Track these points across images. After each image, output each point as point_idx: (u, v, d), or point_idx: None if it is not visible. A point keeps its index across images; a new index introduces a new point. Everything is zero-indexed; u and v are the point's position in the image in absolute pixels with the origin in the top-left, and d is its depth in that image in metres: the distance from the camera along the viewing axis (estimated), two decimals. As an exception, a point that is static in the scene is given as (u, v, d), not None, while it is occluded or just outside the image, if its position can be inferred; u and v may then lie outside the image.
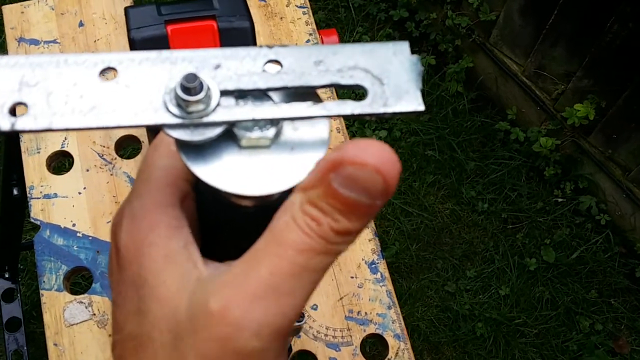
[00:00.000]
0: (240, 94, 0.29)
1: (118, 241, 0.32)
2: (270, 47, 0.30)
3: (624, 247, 2.12)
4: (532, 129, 2.17)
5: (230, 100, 0.29)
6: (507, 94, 2.24)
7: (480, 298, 2.05)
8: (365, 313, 0.91)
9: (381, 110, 0.29)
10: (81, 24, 1.01)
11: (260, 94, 0.30)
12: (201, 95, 0.28)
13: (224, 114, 0.28)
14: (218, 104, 0.28)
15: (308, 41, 1.07)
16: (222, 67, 0.29)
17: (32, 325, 1.71)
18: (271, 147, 0.30)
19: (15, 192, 1.16)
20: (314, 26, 1.09)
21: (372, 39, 2.42)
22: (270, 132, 0.29)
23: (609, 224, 2.11)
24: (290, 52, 0.30)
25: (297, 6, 1.09)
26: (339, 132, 1.01)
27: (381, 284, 0.93)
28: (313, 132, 0.30)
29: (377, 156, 0.27)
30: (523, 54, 2.10)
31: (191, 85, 0.27)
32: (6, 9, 1.00)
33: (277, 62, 0.30)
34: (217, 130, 0.28)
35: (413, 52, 0.32)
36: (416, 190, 2.19)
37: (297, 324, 0.50)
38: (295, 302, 0.28)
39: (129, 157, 0.95)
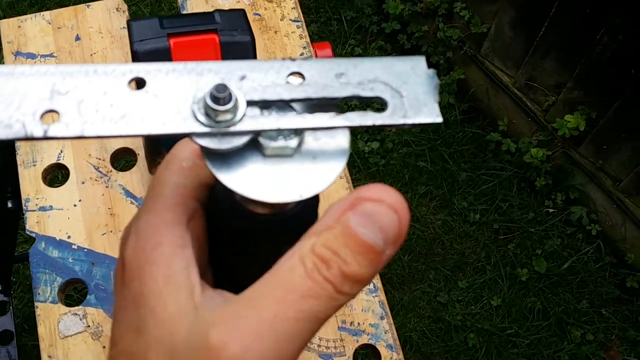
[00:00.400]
0: (265, 105, 0.30)
1: (124, 256, 0.32)
2: (293, 59, 0.31)
3: (615, 257, 2.13)
4: (523, 139, 2.19)
5: (255, 111, 0.30)
6: (498, 106, 2.26)
7: (472, 309, 2.06)
8: (358, 323, 0.91)
9: (401, 121, 0.30)
10: (78, 38, 1.01)
11: (284, 105, 0.31)
12: (230, 105, 0.29)
13: (250, 123, 0.29)
14: (245, 114, 0.29)
15: (302, 54, 1.08)
16: (248, 78, 0.30)
17: (23, 339, 1.71)
18: (294, 156, 0.30)
19: (9, 204, 1.17)
20: (308, 40, 1.10)
21: (365, 52, 2.43)
22: (294, 141, 0.30)
23: (600, 234, 2.12)
24: (313, 65, 0.31)
25: (291, 20, 1.11)
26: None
27: (374, 294, 0.93)
28: (334, 142, 0.31)
29: (394, 197, 0.28)
30: (514, 65, 2.12)
31: (221, 95, 0.28)
32: (3, 23, 1.01)
33: (299, 74, 0.31)
34: (244, 139, 0.29)
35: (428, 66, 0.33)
36: (408, 201, 2.20)
37: None
38: (293, 347, 0.28)
39: (124, 170, 0.95)
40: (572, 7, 1.81)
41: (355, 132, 2.26)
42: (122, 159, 0.99)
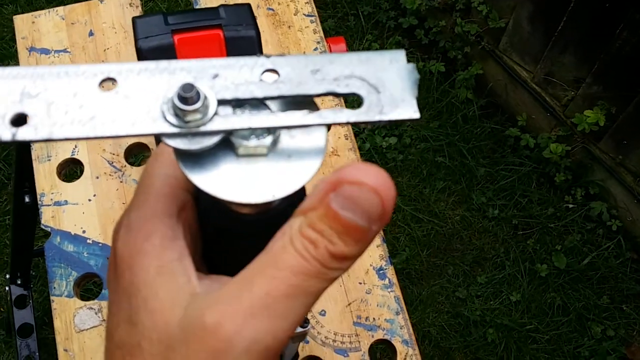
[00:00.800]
0: (238, 103, 0.30)
1: (115, 249, 0.32)
2: (267, 56, 0.30)
3: (636, 252, 2.11)
4: (542, 135, 2.16)
5: (227, 110, 0.29)
6: (516, 101, 2.24)
7: (491, 304, 2.04)
8: (374, 319, 0.91)
9: (377, 117, 0.29)
10: (91, 34, 1.02)
11: (258, 103, 0.30)
12: (198, 105, 0.28)
13: (221, 122, 0.29)
14: (215, 113, 0.29)
15: (316, 49, 1.08)
16: (220, 76, 0.30)
17: (43, 332, 1.72)
18: (268, 155, 0.30)
19: (27, 199, 1.18)
20: (322, 34, 1.10)
21: (382, 47, 2.43)
22: (267, 140, 0.30)
23: (620, 230, 2.10)
24: (287, 61, 0.30)
25: (304, 15, 1.10)
26: (347, 138, 1.02)
27: (389, 289, 0.93)
28: (310, 140, 0.30)
29: (375, 178, 0.28)
30: (532, 60, 2.10)
31: (188, 94, 0.28)
32: (17, 18, 1.02)
33: (274, 71, 0.30)
34: (215, 139, 0.29)
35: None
36: (426, 197, 2.19)
37: (301, 329, 0.50)
38: (287, 324, 0.28)
39: (138, 165, 0.96)
40: (591, 1, 1.78)
41: (373, 128, 2.25)
42: (137, 154, 1.00)
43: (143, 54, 0.77)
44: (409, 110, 0.29)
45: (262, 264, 0.29)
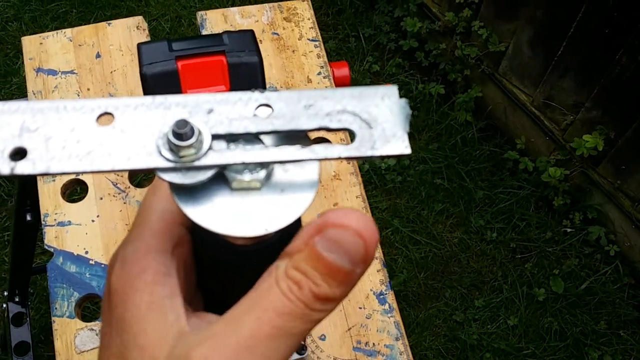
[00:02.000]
0: (232, 138, 0.30)
1: (110, 282, 0.32)
2: (261, 91, 0.31)
3: (634, 278, 2.11)
4: (541, 158, 2.18)
5: (221, 144, 0.30)
6: (516, 124, 2.25)
7: (488, 328, 2.04)
8: (373, 344, 0.91)
9: (368, 153, 0.30)
10: (98, 56, 1.03)
11: (252, 138, 0.31)
12: (192, 140, 0.29)
13: (215, 157, 0.29)
14: (210, 148, 0.29)
15: (319, 73, 1.09)
16: (215, 111, 0.30)
17: (39, 349, 1.72)
18: (262, 189, 0.30)
19: (28, 217, 1.18)
20: (326, 59, 1.11)
21: (382, 69, 2.44)
22: (261, 174, 0.30)
23: (618, 255, 2.10)
24: (281, 96, 0.31)
25: (309, 39, 1.11)
26: (349, 162, 1.03)
27: (389, 315, 0.93)
28: (303, 173, 0.31)
29: (358, 221, 0.28)
30: (532, 84, 2.12)
31: (182, 130, 0.28)
32: (25, 39, 1.03)
33: (268, 105, 0.31)
34: (209, 174, 0.29)
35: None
36: (425, 219, 2.20)
37: (298, 356, 0.50)
38: None
39: (142, 186, 0.96)
40: (591, 27, 1.80)
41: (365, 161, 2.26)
42: (140, 176, 1.00)
43: (147, 80, 0.77)
44: (400, 146, 0.30)
45: (249, 304, 0.29)
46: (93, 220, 0.92)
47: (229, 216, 0.30)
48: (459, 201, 2.23)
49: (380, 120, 0.30)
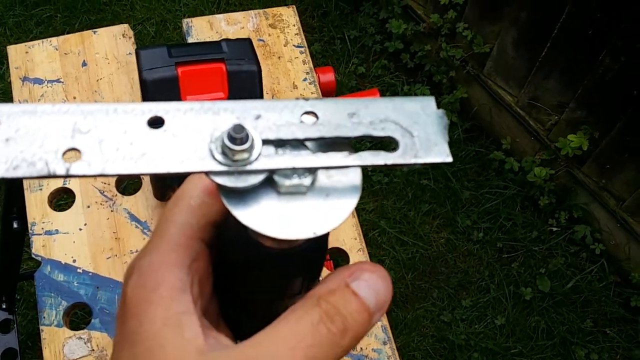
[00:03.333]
0: (279, 143, 0.31)
1: (125, 293, 0.33)
2: (306, 99, 0.32)
3: (619, 276, 2.13)
4: (526, 158, 2.19)
5: (270, 149, 0.30)
6: (501, 124, 2.27)
7: (476, 328, 2.05)
8: (361, 348, 0.92)
9: (412, 161, 0.31)
10: (84, 64, 1.03)
11: (297, 144, 0.31)
12: (247, 145, 0.29)
13: (266, 162, 0.30)
14: (260, 153, 0.30)
15: (305, 79, 1.10)
16: (263, 117, 0.31)
17: (27, 356, 1.71)
18: (307, 194, 0.31)
19: (15, 225, 1.18)
20: (311, 65, 1.11)
21: (368, 70, 2.45)
22: (308, 179, 0.31)
23: (604, 253, 2.12)
24: (326, 104, 0.32)
25: (294, 46, 1.12)
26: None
27: (377, 319, 0.94)
28: (346, 179, 0.32)
29: (384, 270, 0.32)
30: (517, 85, 2.13)
31: (239, 135, 0.29)
32: (11, 48, 1.03)
33: (313, 113, 0.31)
34: (260, 177, 0.30)
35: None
36: (411, 219, 2.21)
37: None
38: None
39: (129, 194, 0.96)
40: (575, 28, 1.82)
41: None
42: (127, 183, 1.01)
43: (147, 86, 0.78)
44: (442, 154, 0.31)
45: (281, 332, 0.30)
46: (80, 229, 0.92)
47: (276, 219, 0.30)
48: (446, 202, 2.24)
49: (421, 130, 0.31)
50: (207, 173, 0.29)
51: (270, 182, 0.31)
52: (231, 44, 0.83)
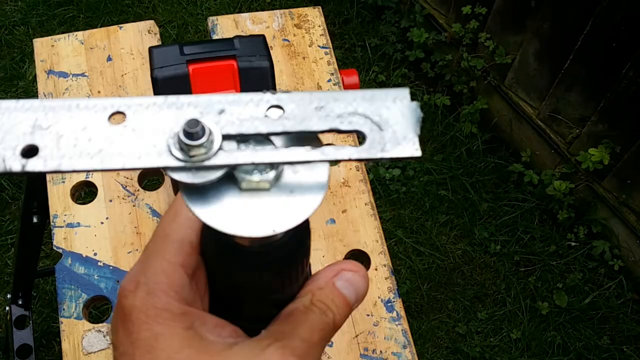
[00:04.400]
0: (243, 138, 0.30)
1: (127, 306, 0.34)
2: (273, 93, 0.31)
3: (637, 293, 2.10)
4: (546, 171, 2.17)
5: (232, 144, 0.30)
6: (521, 136, 2.25)
7: (491, 341, 2.03)
8: (381, 351, 0.91)
9: (378, 155, 0.30)
10: (109, 59, 1.03)
11: (262, 138, 0.30)
12: (203, 140, 0.29)
13: (225, 157, 0.29)
14: (220, 148, 0.29)
15: (329, 80, 1.09)
16: (226, 112, 0.30)
17: (41, 353, 1.71)
18: (271, 190, 0.30)
19: (35, 219, 1.18)
20: (336, 66, 1.11)
21: (388, 79, 2.45)
22: (270, 175, 0.30)
23: (622, 270, 2.09)
24: (292, 98, 0.31)
25: (319, 46, 1.12)
26: (358, 169, 1.03)
27: (397, 322, 0.93)
28: (312, 175, 0.31)
29: (363, 269, 0.38)
30: (538, 97, 2.12)
31: (193, 130, 0.28)
32: (37, 41, 1.03)
33: (279, 107, 0.31)
34: (218, 173, 0.29)
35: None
36: (428, 230, 2.19)
37: None
38: None
39: (151, 189, 0.96)
40: (598, 41, 1.81)
41: (374, 164, 2.26)
42: (151, 179, 1.00)
43: (158, 84, 0.77)
44: (411, 148, 0.30)
45: (294, 322, 0.35)
46: (102, 223, 0.91)
47: (237, 216, 0.30)
48: (463, 213, 2.23)
49: (391, 123, 0.30)
50: (164, 169, 0.29)
51: (232, 178, 0.30)
52: (244, 40, 0.82)
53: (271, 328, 0.35)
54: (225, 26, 1.11)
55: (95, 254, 0.89)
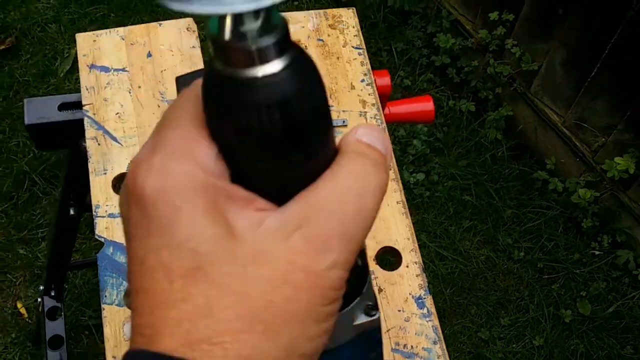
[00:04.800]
0: None
1: (139, 173, 0.30)
2: None
3: (661, 303, 2.10)
4: (570, 179, 2.17)
5: None
6: (546, 144, 2.25)
7: (513, 347, 2.03)
8: (411, 347, 0.92)
9: None
10: (149, 55, 1.06)
11: None
12: None
13: None
14: None
15: (363, 80, 1.11)
16: None
17: (70, 346, 1.74)
18: None
19: (72, 211, 1.20)
20: (369, 67, 1.13)
21: (413, 83, 2.46)
22: None
23: (647, 280, 2.09)
24: None
25: (353, 47, 1.13)
26: (390, 169, 1.04)
27: (427, 319, 0.94)
28: None
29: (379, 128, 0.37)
30: (564, 105, 2.12)
31: None
32: (79, 36, 1.06)
33: None
34: None
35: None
36: (452, 235, 2.20)
37: (368, 318, 0.43)
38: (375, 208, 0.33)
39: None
40: (626, 49, 1.81)
41: (401, 163, 2.28)
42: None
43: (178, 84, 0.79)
44: None
45: (343, 171, 0.33)
46: (141, 213, 0.94)
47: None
48: (487, 219, 2.23)
49: None
50: None
51: None
52: None
53: (298, 203, 0.31)
54: (261, 26, 1.13)
55: (135, 244, 0.91)
